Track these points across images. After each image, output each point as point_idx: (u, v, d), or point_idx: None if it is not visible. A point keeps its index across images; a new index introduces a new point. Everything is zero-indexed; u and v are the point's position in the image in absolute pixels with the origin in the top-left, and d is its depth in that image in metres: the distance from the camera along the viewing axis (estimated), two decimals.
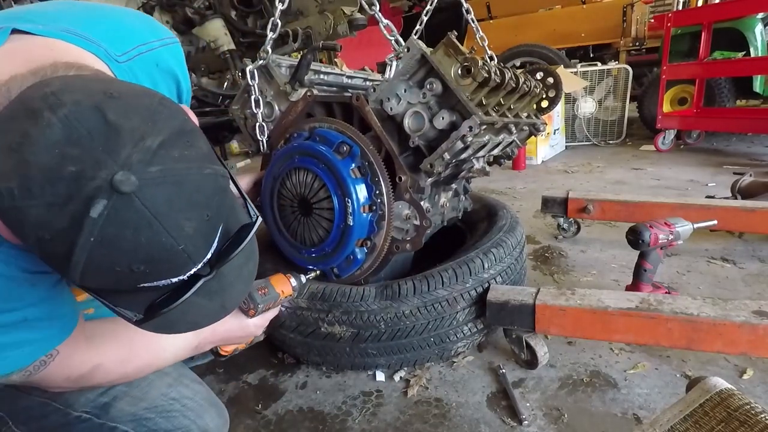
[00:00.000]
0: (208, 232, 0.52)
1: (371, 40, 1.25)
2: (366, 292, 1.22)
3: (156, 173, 0.45)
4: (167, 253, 0.48)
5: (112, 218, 0.44)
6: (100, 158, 0.43)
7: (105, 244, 0.44)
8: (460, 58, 1.06)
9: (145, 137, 0.45)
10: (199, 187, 0.50)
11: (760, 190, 2.14)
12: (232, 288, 0.62)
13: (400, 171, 1.22)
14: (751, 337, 1.02)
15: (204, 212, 0.50)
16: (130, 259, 0.47)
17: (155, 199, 0.45)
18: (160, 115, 0.48)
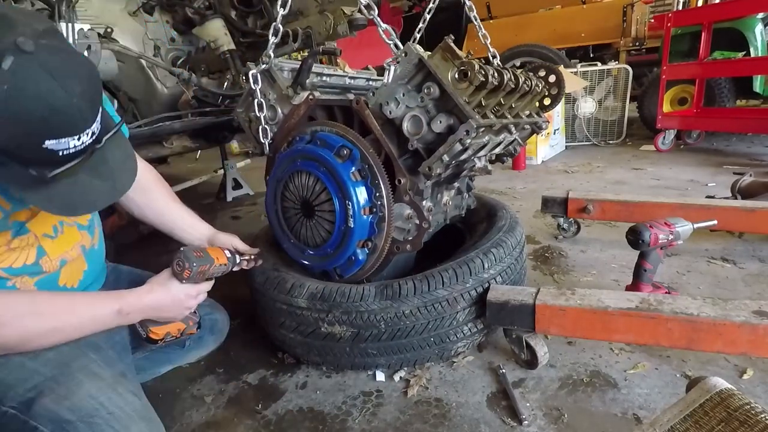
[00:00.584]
0: (92, 99, 0.68)
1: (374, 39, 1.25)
2: (366, 292, 1.22)
3: (46, 44, 0.62)
4: (63, 103, 0.63)
5: (18, 71, 0.59)
6: (3, 30, 0.59)
7: (15, 91, 0.59)
8: (457, 62, 1.06)
9: (32, 24, 0.62)
10: (81, 63, 0.68)
11: (760, 190, 2.14)
12: (120, 173, 0.80)
13: (399, 173, 1.22)
14: (751, 337, 1.02)
15: (87, 82, 0.67)
16: (36, 104, 0.61)
17: (49, 61, 0.62)
18: (37, 15, 0.69)
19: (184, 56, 2.47)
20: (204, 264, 0.98)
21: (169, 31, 2.40)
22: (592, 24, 5.39)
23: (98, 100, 0.70)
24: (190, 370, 1.45)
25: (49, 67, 0.61)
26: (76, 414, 0.78)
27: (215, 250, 1.07)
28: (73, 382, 0.82)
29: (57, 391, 0.80)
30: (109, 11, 2.15)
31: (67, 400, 0.79)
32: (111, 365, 0.91)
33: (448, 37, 1.08)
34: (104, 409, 0.80)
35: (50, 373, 0.82)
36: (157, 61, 2.15)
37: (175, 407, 1.30)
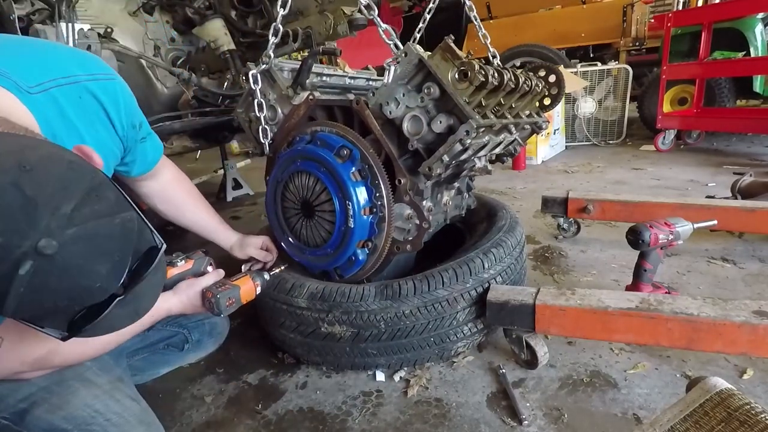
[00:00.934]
0: (120, 269, 0.61)
1: (373, 39, 1.25)
2: (366, 291, 1.22)
3: (72, 234, 0.53)
4: (86, 290, 0.57)
5: (38, 273, 0.51)
6: (23, 229, 0.50)
7: (33, 291, 0.52)
8: (457, 62, 1.06)
9: (59, 206, 0.52)
10: (110, 236, 0.58)
11: (760, 190, 2.14)
12: (144, 297, 0.71)
13: (399, 174, 1.22)
14: (751, 337, 1.02)
15: (115, 255, 0.59)
16: (55, 299, 0.55)
17: (73, 255, 0.53)
18: (70, 181, 0.55)
19: (184, 56, 2.46)
20: (233, 309, 1.07)
21: (169, 31, 2.39)
22: (592, 24, 5.39)
23: (128, 258, 0.62)
24: (190, 370, 1.45)
25: (72, 262, 0.54)
26: (72, 423, 0.77)
27: (247, 290, 1.11)
28: (68, 391, 0.81)
29: (51, 400, 0.79)
30: (109, 11, 2.15)
31: (61, 409, 0.78)
32: (107, 370, 0.90)
33: (448, 38, 1.08)
34: (101, 417, 0.79)
35: (43, 383, 0.81)
36: (157, 61, 2.15)
37: (175, 407, 1.30)
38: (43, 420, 0.76)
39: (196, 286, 1.03)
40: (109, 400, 0.83)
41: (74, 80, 0.79)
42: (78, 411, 0.78)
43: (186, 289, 1.02)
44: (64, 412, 0.77)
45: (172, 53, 2.42)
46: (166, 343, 1.23)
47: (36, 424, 0.76)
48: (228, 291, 1.04)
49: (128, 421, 0.82)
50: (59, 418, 0.77)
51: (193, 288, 1.02)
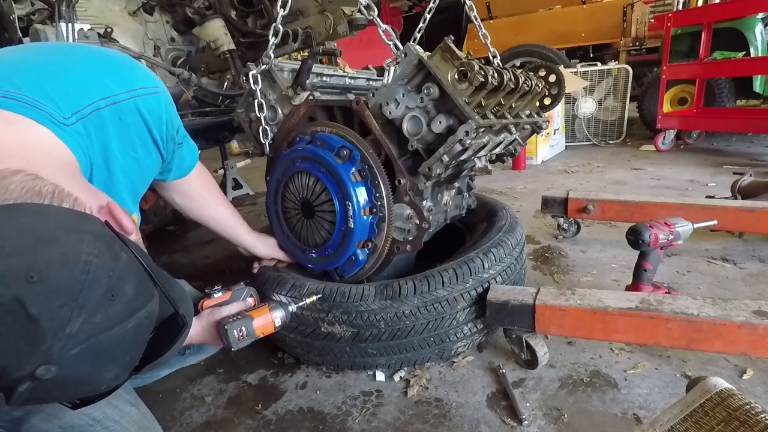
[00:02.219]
0: (129, 366, 0.58)
1: (373, 39, 1.26)
2: (366, 291, 1.22)
3: (77, 353, 0.49)
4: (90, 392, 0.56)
5: (38, 391, 0.49)
6: (22, 352, 0.46)
7: (34, 399, 0.50)
8: (457, 62, 1.06)
9: (65, 325, 0.48)
10: (120, 342, 0.54)
11: (760, 190, 2.14)
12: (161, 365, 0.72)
13: (399, 174, 1.22)
14: (751, 337, 1.02)
15: (124, 357, 0.56)
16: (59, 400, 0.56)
17: (77, 372, 0.50)
18: (83, 289, 0.49)
19: (184, 56, 2.46)
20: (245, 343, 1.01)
21: (169, 31, 2.39)
22: (592, 24, 5.40)
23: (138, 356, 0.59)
24: (190, 370, 1.45)
25: (77, 378, 0.51)
26: None
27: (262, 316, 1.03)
28: None
29: (47, 409, 0.76)
30: (109, 11, 2.15)
31: (57, 418, 0.76)
32: None
33: (447, 38, 1.08)
34: (99, 425, 0.78)
35: None
36: (157, 61, 2.15)
37: (175, 407, 1.30)
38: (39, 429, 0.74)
39: (216, 315, 0.98)
40: (106, 406, 0.81)
41: (114, 100, 0.73)
42: (74, 420, 0.76)
43: (206, 317, 0.97)
44: (61, 422, 0.75)
45: (172, 53, 2.42)
46: None
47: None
48: (239, 323, 0.97)
49: (126, 429, 0.80)
50: (55, 427, 0.75)
51: (213, 317, 0.98)
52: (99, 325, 0.50)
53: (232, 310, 1.01)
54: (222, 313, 0.99)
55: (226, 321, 0.97)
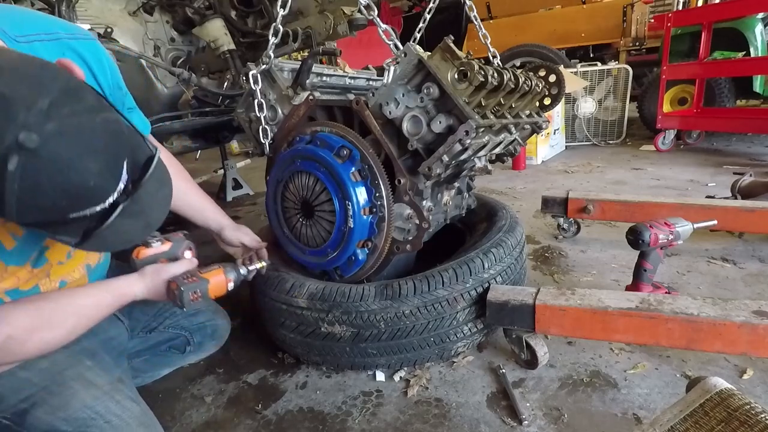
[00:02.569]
0: (112, 167, 0.62)
1: (374, 39, 1.26)
2: (366, 291, 1.22)
3: (53, 128, 0.54)
4: (81, 189, 0.58)
5: (27, 169, 0.53)
6: (2, 123, 0.51)
7: (28, 189, 0.54)
8: (457, 62, 1.06)
9: (35, 101, 0.53)
10: (93, 131, 0.59)
11: (760, 190, 2.14)
12: (152, 210, 0.73)
13: (399, 174, 1.22)
14: (751, 337, 1.02)
15: (104, 154, 0.60)
16: (53, 197, 0.57)
17: (59, 150, 0.55)
18: (44, 78, 0.56)
19: (184, 56, 2.47)
20: (198, 306, 1.00)
21: (169, 31, 2.39)
22: (592, 24, 5.40)
23: (122, 160, 0.63)
24: (190, 370, 1.45)
25: (58, 156, 0.55)
26: (72, 425, 0.77)
27: (216, 285, 1.01)
28: (68, 392, 0.80)
29: (51, 401, 0.78)
30: (109, 11, 2.15)
31: (61, 411, 0.77)
32: (107, 371, 0.90)
33: (447, 38, 1.08)
34: (101, 418, 0.79)
35: (44, 383, 0.81)
36: (157, 61, 2.15)
37: (175, 407, 1.30)
38: (43, 421, 0.76)
39: (164, 274, 0.95)
40: (109, 401, 0.82)
41: (57, 37, 0.80)
42: (78, 413, 0.78)
43: (152, 275, 0.94)
44: (64, 414, 0.77)
45: (172, 53, 2.42)
46: (168, 345, 1.23)
47: (36, 425, 0.76)
48: (194, 284, 0.95)
49: (128, 423, 0.81)
50: (59, 419, 0.76)
51: (160, 276, 0.94)
52: (67, 112, 0.56)
53: (180, 269, 0.97)
54: (170, 272, 0.96)
55: (180, 281, 0.94)
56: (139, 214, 0.71)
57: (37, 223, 0.61)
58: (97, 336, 0.96)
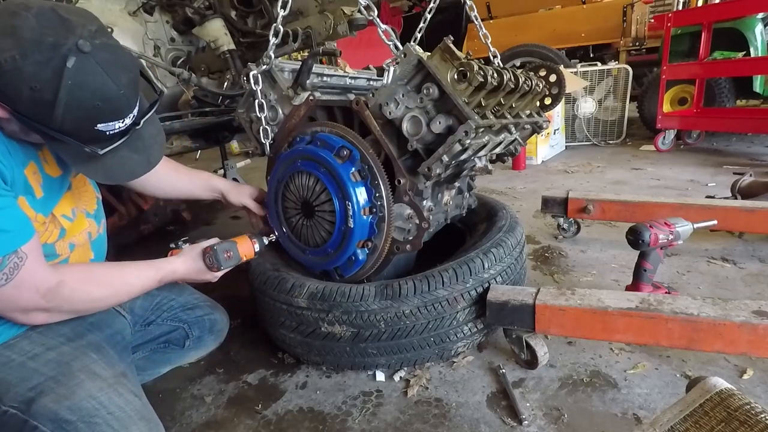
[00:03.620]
0: (134, 87, 0.84)
1: (374, 39, 1.26)
2: (366, 291, 1.22)
3: (100, 44, 0.76)
4: (113, 94, 0.78)
5: (80, 69, 0.73)
6: (66, 34, 0.73)
7: (77, 86, 0.74)
8: (456, 63, 1.06)
9: (86, 25, 0.76)
10: (126, 56, 0.83)
11: (760, 190, 2.14)
12: (152, 148, 0.95)
13: (399, 174, 1.22)
14: (751, 337, 1.02)
15: (131, 73, 0.83)
16: (93, 96, 0.76)
17: (103, 58, 0.76)
18: (88, 14, 0.79)
19: (184, 56, 2.46)
20: (231, 265, 1.14)
21: (169, 31, 2.39)
22: (592, 24, 5.40)
23: (138, 88, 0.84)
24: (190, 370, 1.45)
25: (102, 63, 0.75)
26: (76, 414, 0.78)
27: (244, 242, 1.17)
28: (74, 382, 0.82)
29: (57, 390, 0.80)
30: (109, 11, 2.15)
31: (67, 399, 0.80)
32: (112, 365, 0.92)
33: (447, 38, 1.08)
34: (104, 409, 0.81)
35: (51, 373, 0.83)
36: (157, 61, 2.15)
37: (175, 407, 1.30)
38: (49, 409, 0.78)
39: (197, 247, 1.11)
40: (112, 393, 0.84)
41: None
42: (83, 402, 0.80)
43: (188, 251, 1.11)
44: (69, 402, 0.79)
45: (172, 53, 2.41)
46: (167, 339, 1.23)
47: (42, 413, 0.78)
48: (225, 245, 1.12)
49: (130, 416, 0.83)
50: (64, 408, 0.79)
51: (195, 249, 1.11)
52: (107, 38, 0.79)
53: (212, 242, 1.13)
54: (204, 244, 1.12)
55: (213, 245, 1.11)
56: (143, 150, 0.92)
57: (68, 130, 0.77)
58: (102, 331, 1.00)
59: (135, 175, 0.93)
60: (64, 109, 0.74)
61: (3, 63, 0.69)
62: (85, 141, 0.80)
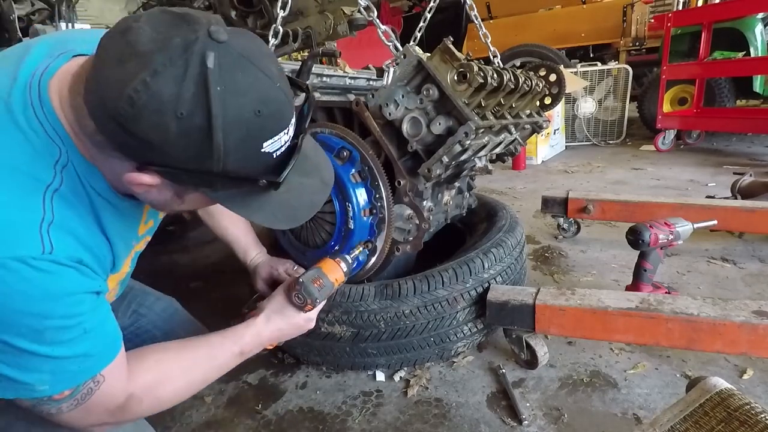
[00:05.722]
0: (287, 81, 0.61)
1: (374, 39, 1.26)
2: (366, 291, 1.22)
3: (231, 31, 0.55)
4: (270, 90, 0.56)
5: (224, 66, 0.52)
6: (190, 27, 0.52)
7: (229, 92, 0.52)
8: (456, 64, 1.06)
9: (206, 15, 0.56)
10: (263, 44, 0.60)
11: (760, 190, 2.14)
12: (321, 167, 0.74)
13: (399, 175, 1.22)
14: (751, 337, 1.03)
15: (276, 63, 0.60)
16: (251, 101, 0.54)
17: (244, 46, 0.55)
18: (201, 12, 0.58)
19: None
20: (326, 294, 0.90)
21: None
22: (592, 24, 5.40)
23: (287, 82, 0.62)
24: None
25: (246, 52, 0.55)
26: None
27: (330, 266, 0.93)
28: None
29: None
30: (109, 11, 2.16)
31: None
32: None
33: (446, 39, 1.08)
34: None
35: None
36: None
37: (175, 407, 1.30)
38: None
39: (276, 294, 0.90)
40: None
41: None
42: None
43: (268, 303, 0.89)
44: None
45: None
46: None
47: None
48: (310, 273, 0.88)
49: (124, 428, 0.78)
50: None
51: (275, 297, 0.89)
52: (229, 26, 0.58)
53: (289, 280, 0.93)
54: (281, 289, 0.90)
55: (296, 280, 0.87)
56: (314, 171, 0.72)
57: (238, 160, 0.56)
58: None
59: (315, 205, 0.73)
60: (224, 132, 0.53)
61: (134, 96, 0.50)
62: (255, 175, 0.60)
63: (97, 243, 0.64)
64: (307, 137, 0.69)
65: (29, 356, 0.56)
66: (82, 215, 0.62)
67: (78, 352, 0.60)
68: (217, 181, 0.58)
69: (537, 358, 1.26)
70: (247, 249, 1.17)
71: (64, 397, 0.61)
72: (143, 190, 0.60)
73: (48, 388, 0.59)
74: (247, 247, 1.17)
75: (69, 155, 0.59)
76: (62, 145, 0.58)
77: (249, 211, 0.64)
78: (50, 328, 0.57)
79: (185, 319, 1.11)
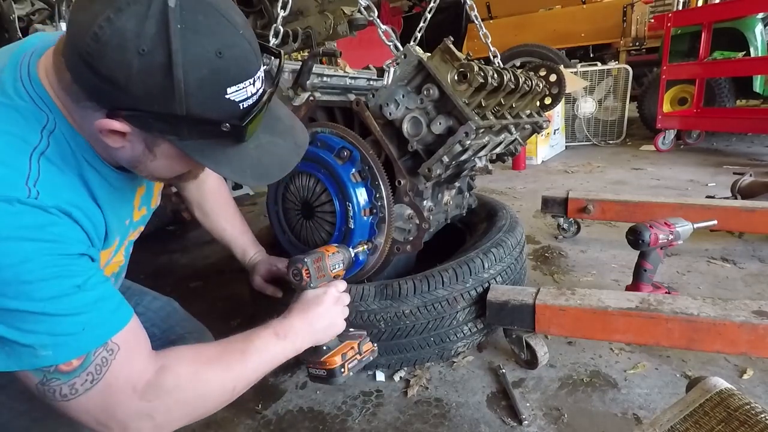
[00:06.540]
0: (251, 33, 0.61)
1: (374, 39, 1.27)
2: (366, 291, 1.22)
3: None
4: (233, 37, 0.57)
5: (185, 5, 0.53)
6: None
7: (189, 29, 0.53)
8: (456, 63, 1.06)
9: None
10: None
11: (760, 190, 2.14)
12: (294, 128, 0.74)
13: (399, 175, 1.22)
14: (751, 337, 1.03)
15: (241, 16, 0.60)
16: (211, 42, 0.55)
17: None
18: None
19: None
20: (315, 256, 0.92)
21: None
22: (592, 24, 5.40)
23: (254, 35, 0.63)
24: None
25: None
26: None
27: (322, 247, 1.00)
28: None
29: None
30: None
31: None
32: None
33: (447, 39, 1.08)
34: None
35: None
36: None
37: None
38: None
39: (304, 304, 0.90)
40: None
41: None
42: None
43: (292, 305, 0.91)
44: None
45: None
46: None
47: None
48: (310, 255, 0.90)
49: None
50: None
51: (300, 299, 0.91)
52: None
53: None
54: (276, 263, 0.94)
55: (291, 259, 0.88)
56: (286, 132, 0.72)
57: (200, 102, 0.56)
58: None
59: (287, 165, 0.71)
60: (184, 70, 0.53)
61: (99, 32, 0.51)
62: (218, 120, 0.59)
63: (88, 206, 0.64)
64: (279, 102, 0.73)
65: (22, 314, 0.55)
66: (71, 179, 0.62)
67: (73, 310, 0.57)
68: (183, 127, 0.58)
69: (537, 358, 1.26)
70: (245, 248, 1.20)
71: (74, 369, 0.57)
72: (118, 144, 0.61)
73: (51, 354, 0.56)
74: (245, 246, 1.20)
75: (57, 122, 0.60)
76: (49, 112, 0.60)
77: (217, 164, 0.63)
78: (36, 279, 0.55)
79: (184, 318, 1.10)
